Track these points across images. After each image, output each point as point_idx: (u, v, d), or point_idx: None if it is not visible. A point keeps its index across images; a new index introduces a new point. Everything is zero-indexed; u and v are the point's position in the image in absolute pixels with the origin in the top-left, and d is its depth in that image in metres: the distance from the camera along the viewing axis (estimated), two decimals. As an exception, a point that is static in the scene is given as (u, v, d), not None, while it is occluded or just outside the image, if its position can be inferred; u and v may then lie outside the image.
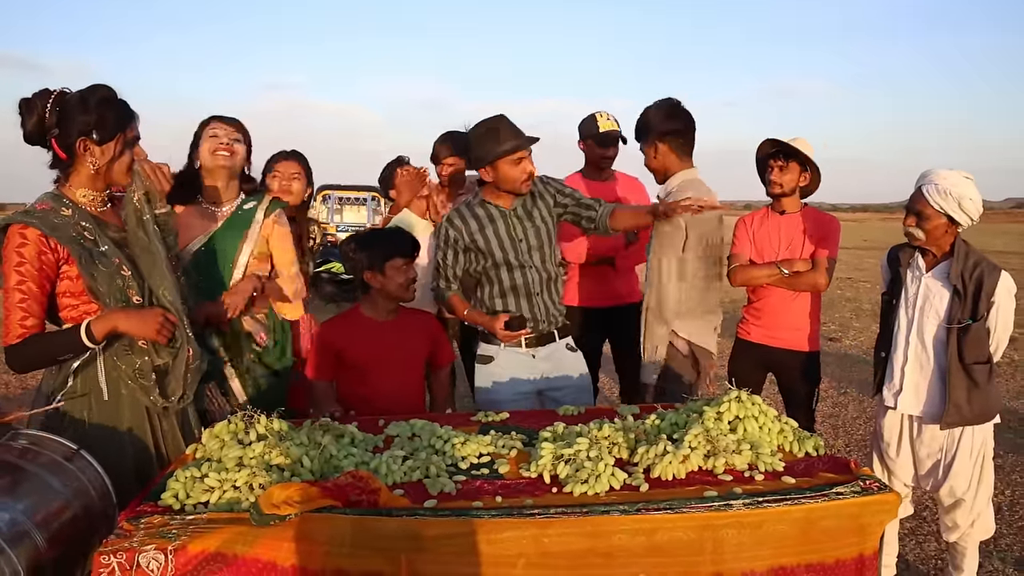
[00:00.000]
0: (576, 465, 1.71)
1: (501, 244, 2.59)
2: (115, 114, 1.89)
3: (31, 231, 1.78)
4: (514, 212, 2.63)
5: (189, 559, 1.41)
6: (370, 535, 1.48)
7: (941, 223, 2.40)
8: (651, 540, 1.51)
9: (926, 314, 2.48)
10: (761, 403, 1.96)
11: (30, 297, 1.79)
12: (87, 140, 1.85)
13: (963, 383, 2.41)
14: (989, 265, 2.42)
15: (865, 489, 1.62)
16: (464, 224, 2.60)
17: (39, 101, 1.84)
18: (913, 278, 2.54)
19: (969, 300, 2.39)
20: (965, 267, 2.41)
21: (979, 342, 2.40)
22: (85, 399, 1.88)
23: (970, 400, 2.42)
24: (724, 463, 1.74)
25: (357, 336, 2.53)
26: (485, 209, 2.62)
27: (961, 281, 2.40)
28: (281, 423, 1.86)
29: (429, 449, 1.89)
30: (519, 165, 2.51)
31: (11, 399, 5.38)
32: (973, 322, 2.38)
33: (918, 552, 3.11)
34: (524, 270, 2.61)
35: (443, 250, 2.65)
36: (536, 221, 2.65)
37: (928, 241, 2.45)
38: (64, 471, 1.61)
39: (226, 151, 2.42)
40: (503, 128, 2.50)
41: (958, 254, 2.43)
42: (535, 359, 2.67)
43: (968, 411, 2.43)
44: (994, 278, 2.38)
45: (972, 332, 2.39)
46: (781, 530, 1.55)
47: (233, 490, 1.60)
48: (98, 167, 1.89)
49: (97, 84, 1.90)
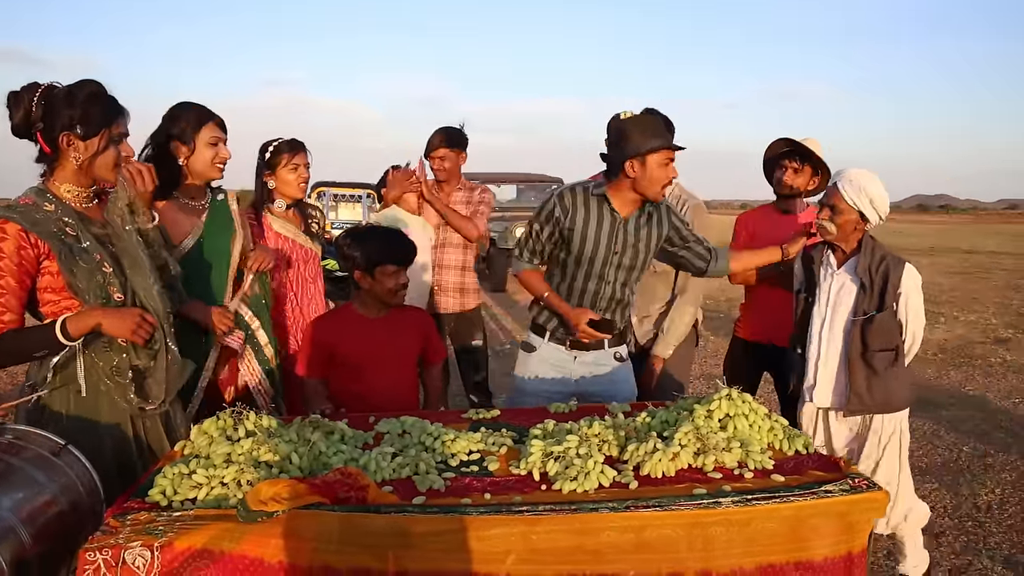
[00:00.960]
0: (566, 462, 1.71)
1: (596, 249, 2.47)
2: (101, 109, 1.87)
3: (11, 226, 1.76)
4: (624, 225, 2.48)
5: (175, 556, 1.40)
6: (358, 532, 1.47)
7: (852, 218, 2.48)
8: (640, 537, 1.51)
9: (837, 309, 2.55)
10: (752, 401, 1.96)
11: (7, 292, 1.77)
12: (71, 135, 1.83)
13: (862, 371, 2.49)
14: (894, 259, 2.49)
15: (854, 487, 1.63)
16: (573, 209, 2.45)
17: (26, 94, 1.82)
18: (826, 275, 2.60)
19: (875, 293, 2.47)
20: (872, 261, 2.49)
21: (884, 332, 2.47)
22: (65, 394, 1.86)
23: (870, 388, 2.49)
24: (714, 461, 1.74)
25: (349, 333, 2.52)
26: (600, 207, 2.46)
27: (868, 275, 2.47)
28: (270, 419, 1.86)
29: (419, 446, 1.88)
30: (667, 167, 2.37)
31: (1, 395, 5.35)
32: (878, 313, 2.46)
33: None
34: (601, 283, 2.52)
35: (539, 222, 2.50)
36: (639, 244, 2.52)
37: (838, 236, 2.51)
38: (51, 466, 1.59)
39: (224, 166, 2.44)
40: (661, 125, 2.39)
41: (865, 249, 2.51)
42: (574, 362, 2.61)
43: (869, 399, 2.51)
44: (899, 271, 2.46)
45: (876, 322, 2.46)
46: (770, 528, 1.56)
47: (221, 487, 1.59)
48: (81, 162, 1.87)
49: (85, 79, 1.89)
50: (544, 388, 2.59)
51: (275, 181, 2.79)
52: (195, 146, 2.36)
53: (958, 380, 6.06)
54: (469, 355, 3.72)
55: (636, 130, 2.35)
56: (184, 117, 2.36)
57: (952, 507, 3.53)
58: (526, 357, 2.68)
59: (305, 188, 2.86)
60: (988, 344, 7.47)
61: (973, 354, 6.99)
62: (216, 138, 2.39)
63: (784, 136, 3.06)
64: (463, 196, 3.64)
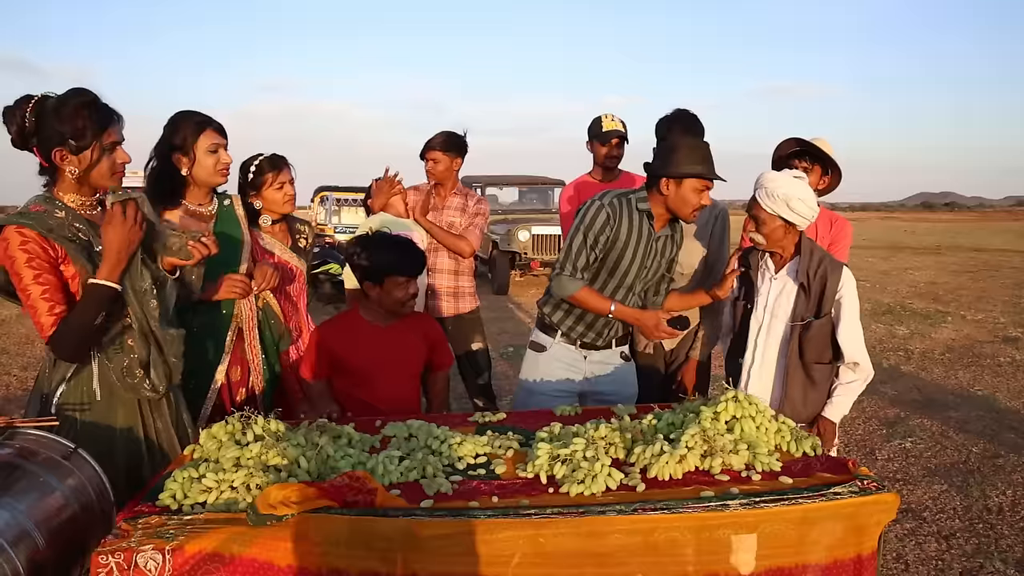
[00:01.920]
0: (573, 465, 1.71)
1: (632, 262, 2.51)
2: (90, 121, 1.84)
3: (29, 231, 1.79)
4: (657, 241, 2.55)
5: (187, 559, 1.41)
6: (366, 535, 1.48)
7: (778, 225, 2.42)
8: (647, 540, 1.51)
9: (775, 315, 2.50)
10: (759, 403, 1.95)
11: (50, 287, 1.80)
12: (63, 150, 1.83)
13: (800, 380, 2.44)
14: (832, 262, 2.45)
15: (863, 489, 1.62)
16: (619, 220, 2.47)
17: (18, 110, 1.83)
18: (763, 280, 2.55)
19: (814, 297, 2.41)
20: (811, 264, 2.43)
21: (820, 340, 2.42)
22: (79, 398, 1.89)
23: (805, 399, 2.45)
24: (721, 463, 1.74)
25: (355, 340, 2.52)
26: (640, 220, 2.49)
27: (807, 278, 2.42)
28: (278, 424, 1.86)
29: (426, 449, 1.89)
30: (701, 193, 2.42)
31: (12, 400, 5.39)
32: (816, 319, 2.41)
33: (918, 552, 3.11)
34: (628, 293, 2.57)
35: (592, 234, 2.46)
36: (662, 260, 2.59)
37: (770, 244, 2.46)
38: (62, 469, 1.60)
39: (228, 170, 2.44)
40: (704, 150, 2.43)
41: (804, 252, 2.45)
42: (585, 360, 2.65)
43: (802, 409, 2.45)
44: (837, 275, 2.41)
45: (814, 329, 2.41)
46: (778, 530, 1.55)
47: (230, 490, 1.60)
48: (77, 175, 1.87)
49: (74, 89, 1.87)
50: (553, 387, 2.61)
51: (261, 201, 2.72)
52: (195, 156, 2.37)
53: (966, 380, 6.03)
54: (470, 358, 3.73)
55: (681, 151, 2.40)
56: (183, 127, 2.37)
57: (962, 509, 3.52)
58: (535, 357, 2.69)
59: (292, 203, 2.80)
60: (996, 343, 7.44)
61: (981, 353, 6.96)
62: (216, 144, 2.39)
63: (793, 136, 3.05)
64: (459, 202, 3.65)
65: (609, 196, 2.51)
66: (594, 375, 2.66)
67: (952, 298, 10.61)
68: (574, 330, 2.62)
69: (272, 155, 2.77)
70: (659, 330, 2.49)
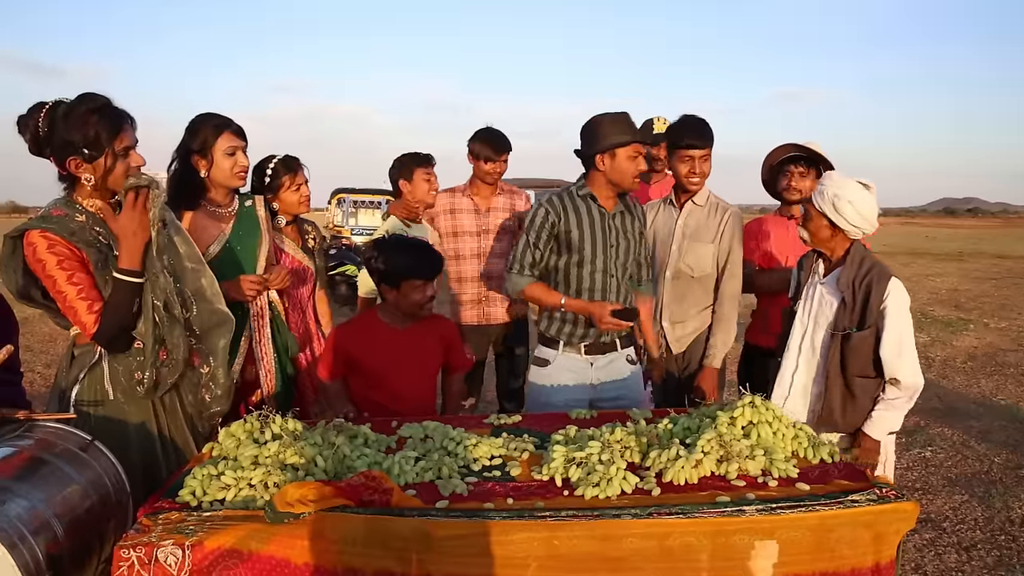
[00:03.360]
0: (588, 468, 1.71)
1: (595, 245, 2.57)
2: (101, 128, 1.85)
3: (52, 235, 1.81)
4: (612, 218, 2.62)
5: (206, 555, 1.43)
6: (382, 534, 1.49)
7: (823, 224, 2.37)
8: (662, 545, 1.50)
9: (818, 321, 2.44)
10: (776, 408, 1.94)
11: (85, 285, 1.83)
12: (77, 159, 1.85)
13: (839, 392, 2.37)
14: (880, 272, 2.32)
15: (881, 497, 1.60)
16: (564, 211, 2.57)
17: (31, 119, 1.84)
18: (810, 284, 2.50)
19: (856, 309, 2.31)
20: (857, 274, 2.34)
21: (863, 353, 2.32)
22: (92, 396, 1.92)
23: (844, 411, 2.38)
24: (737, 468, 1.73)
25: (372, 342, 2.53)
26: (587, 204, 2.59)
27: (851, 289, 2.33)
28: (296, 423, 1.89)
29: (441, 451, 1.90)
30: (636, 160, 2.52)
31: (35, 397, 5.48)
32: (857, 331, 2.31)
33: (938, 564, 3.07)
34: (607, 277, 2.60)
35: (534, 232, 2.57)
36: (628, 234, 2.65)
37: (815, 242, 2.42)
38: (80, 461, 1.63)
39: (246, 172, 2.48)
40: (627, 121, 2.54)
41: (851, 261, 2.37)
42: (592, 367, 2.65)
43: (840, 420, 2.39)
44: (883, 286, 2.29)
45: (855, 340, 2.31)
46: (794, 537, 1.54)
47: (248, 488, 1.62)
48: (93, 182, 1.89)
49: (84, 95, 1.87)
50: (563, 398, 2.60)
51: (278, 203, 2.78)
52: (213, 158, 2.41)
53: (989, 389, 5.94)
54: (510, 361, 3.73)
55: (604, 127, 2.51)
56: (202, 130, 2.41)
57: (984, 520, 3.47)
58: (540, 371, 2.70)
59: (308, 204, 2.86)
60: (1020, 351, 7.32)
61: (1004, 362, 6.85)
62: (233, 147, 2.43)
63: (786, 142, 3.05)
64: (505, 202, 3.60)
65: (548, 194, 2.64)
66: (601, 381, 2.65)
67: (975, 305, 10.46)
68: (575, 334, 2.63)
69: (286, 157, 2.81)
70: (606, 321, 2.49)
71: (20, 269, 1.86)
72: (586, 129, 2.57)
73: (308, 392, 2.75)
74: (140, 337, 1.91)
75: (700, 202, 2.91)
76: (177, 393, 2.04)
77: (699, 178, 2.85)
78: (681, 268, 2.89)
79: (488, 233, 3.53)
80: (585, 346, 2.63)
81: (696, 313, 2.91)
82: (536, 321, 2.75)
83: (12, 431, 1.67)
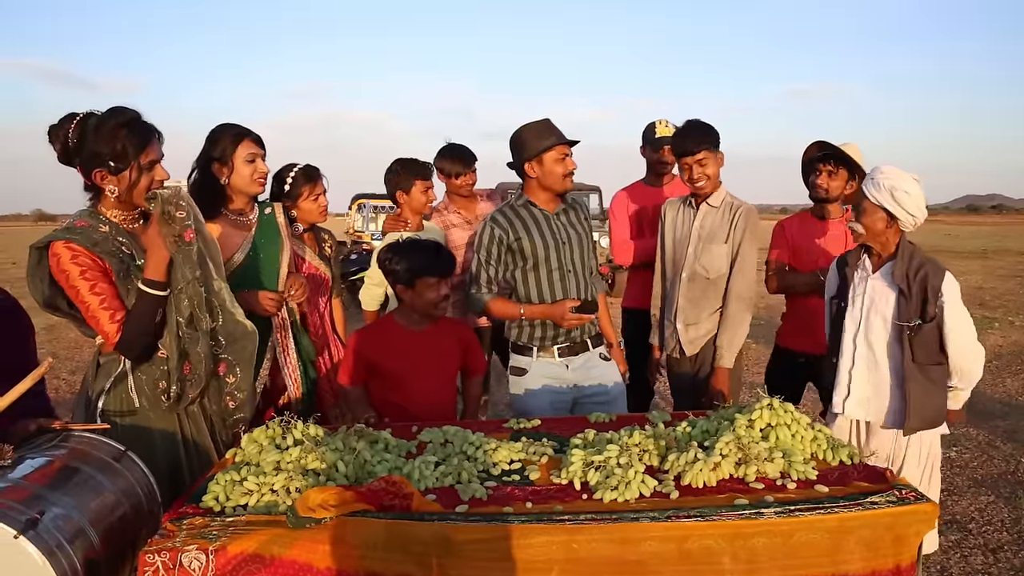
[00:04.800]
0: (606, 472, 1.72)
1: (545, 245, 2.67)
2: (128, 142, 1.89)
3: (76, 246, 1.86)
4: (557, 217, 2.72)
5: (229, 559, 1.45)
6: (403, 539, 1.50)
7: (879, 217, 2.37)
8: (681, 548, 1.51)
9: (872, 316, 2.43)
10: (794, 410, 1.94)
11: (107, 295, 1.87)
12: (103, 171, 1.90)
13: (920, 385, 2.36)
14: (934, 266, 2.36)
15: (901, 499, 1.60)
16: (509, 224, 2.67)
17: (62, 128, 1.89)
18: (860, 279, 2.49)
19: (915, 300, 2.34)
20: (910, 267, 2.36)
21: (931, 343, 2.35)
22: (119, 406, 1.96)
23: (928, 401, 2.37)
24: (756, 471, 1.73)
25: (390, 345, 2.56)
26: (529, 211, 2.70)
27: (906, 281, 2.35)
28: (317, 428, 1.91)
29: (461, 455, 1.92)
30: (563, 161, 2.63)
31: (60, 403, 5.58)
32: (923, 323, 2.33)
33: (963, 566, 3.02)
34: (566, 273, 2.69)
35: (484, 251, 2.68)
36: (577, 228, 2.76)
37: (869, 237, 2.42)
38: (113, 471, 1.67)
39: (265, 179, 2.52)
40: (549, 126, 2.65)
41: (902, 254, 2.38)
42: (568, 369, 2.71)
43: (927, 413, 2.38)
44: (939, 278, 2.32)
45: (923, 333, 2.33)
46: (814, 539, 1.53)
47: (271, 493, 1.64)
48: (118, 195, 1.94)
49: (114, 108, 1.93)
50: (546, 402, 2.67)
51: (296, 211, 2.83)
52: (233, 165, 2.46)
53: (1015, 388, 5.85)
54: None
55: (528, 136, 2.64)
56: (222, 139, 2.47)
57: (1010, 521, 3.41)
58: (518, 381, 2.75)
59: (325, 213, 2.92)
60: (1047, 351, 7.20)
61: (1031, 361, 6.74)
62: (253, 154, 2.47)
63: (820, 140, 3.02)
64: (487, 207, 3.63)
65: (492, 213, 2.75)
66: (579, 383, 2.72)
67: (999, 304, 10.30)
68: (546, 337, 2.69)
69: (307, 166, 2.85)
70: (568, 319, 2.58)
71: (46, 279, 1.91)
72: (513, 142, 2.68)
73: (327, 396, 2.79)
74: (165, 348, 1.95)
75: (715, 203, 2.91)
76: (200, 401, 2.07)
77: (703, 181, 2.84)
78: (697, 270, 2.89)
79: None
80: (558, 349, 2.69)
81: (709, 315, 2.91)
82: (505, 333, 2.82)
83: (48, 440, 1.71)
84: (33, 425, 1.72)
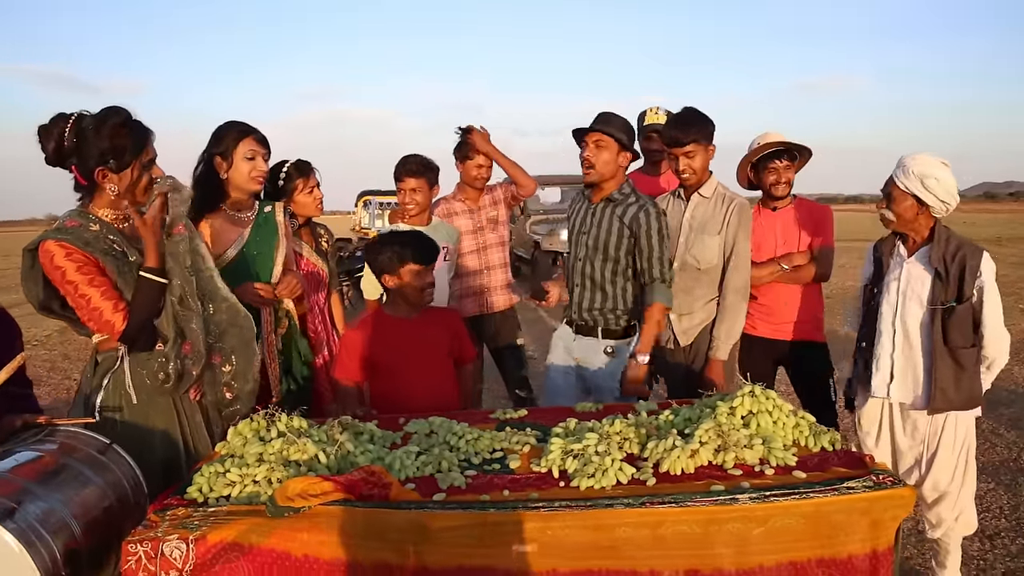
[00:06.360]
0: (584, 460, 1.73)
1: (573, 229, 2.94)
2: (131, 140, 1.94)
3: (68, 244, 1.88)
4: (593, 209, 2.85)
5: (208, 548, 1.48)
6: (379, 527, 1.52)
7: (909, 204, 2.40)
8: (655, 533, 1.51)
9: (909, 299, 2.45)
10: (776, 398, 1.94)
11: (106, 286, 1.90)
12: (105, 169, 1.93)
13: (949, 366, 2.38)
14: (971, 247, 2.39)
15: (877, 483, 1.59)
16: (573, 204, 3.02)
17: (55, 128, 1.91)
18: (895, 264, 2.51)
19: (952, 282, 2.36)
20: (947, 250, 2.38)
21: (964, 325, 2.36)
22: (116, 402, 1.99)
23: (957, 384, 2.38)
24: (734, 458, 1.73)
25: (381, 336, 2.58)
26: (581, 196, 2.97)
27: (943, 263, 2.37)
28: (301, 421, 1.93)
29: (444, 445, 1.93)
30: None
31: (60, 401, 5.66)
32: (958, 304, 2.34)
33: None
34: (576, 260, 2.88)
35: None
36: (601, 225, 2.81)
37: (900, 224, 2.43)
38: (99, 464, 1.70)
39: (263, 177, 2.54)
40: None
41: (939, 238, 2.41)
42: (573, 341, 2.91)
43: (955, 395, 2.39)
44: (977, 259, 2.35)
45: (957, 314, 2.35)
46: (790, 525, 1.54)
47: (253, 484, 1.66)
48: (117, 192, 1.97)
49: (111, 108, 1.96)
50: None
51: (293, 206, 2.86)
52: (233, 161, 2.48)
53: (1022, 376, 5.79)
54: (513, 352, 3.76)
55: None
56: (226, 135, 2.50)
57: (1009, 508, 3.39)
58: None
59: (321, 206, 2.94)
60: (1056, 338, 7.10)
61: (1039, 349, 6.66)
62: (253, 152, 2.49)
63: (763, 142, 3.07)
64: (489, 198, 3.68)
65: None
66: (581, 360, 2.87)
67: (1011, 291, 10.17)
68: (567, 309, 2.97)
69: (298, 161, 2.88)
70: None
71: (40, 281, 1.93)
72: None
73: (326, 394, 2.80)
74: (161, 329, 1.98)
75: (707, 194, 2.90)
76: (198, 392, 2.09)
77: (687, 173, 2.84)
78: (687, 260, 2.89)
79: (482, 229, 3.62)
80: (568, 321, 2.95)
81: (703, 305, 2.90)
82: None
83: (34, 435, 1.75)
84: (19, 421, 1.76)
